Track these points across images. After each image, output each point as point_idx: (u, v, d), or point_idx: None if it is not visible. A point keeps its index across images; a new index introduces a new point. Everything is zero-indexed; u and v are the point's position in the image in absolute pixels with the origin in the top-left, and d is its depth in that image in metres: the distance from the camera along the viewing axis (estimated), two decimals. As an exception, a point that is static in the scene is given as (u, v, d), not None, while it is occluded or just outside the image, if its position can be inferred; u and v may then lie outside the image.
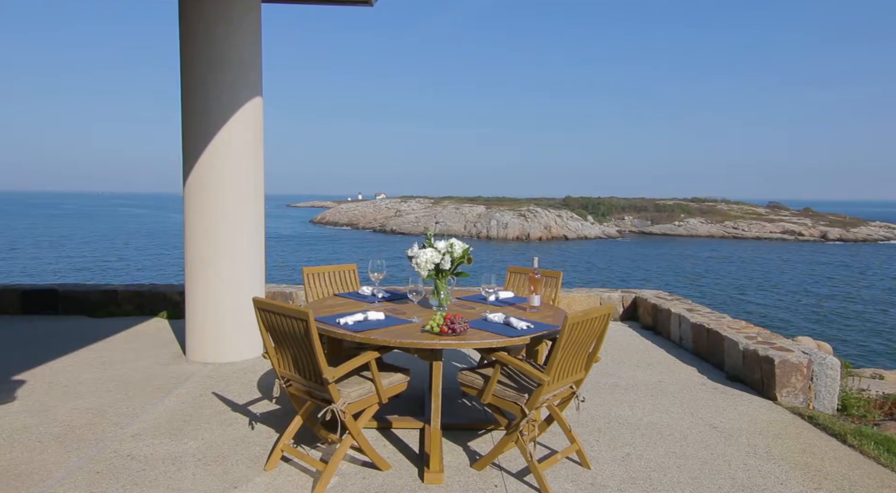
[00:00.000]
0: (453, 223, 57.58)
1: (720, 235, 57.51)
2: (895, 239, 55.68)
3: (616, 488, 2.70)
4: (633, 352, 5.25)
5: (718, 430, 3.43)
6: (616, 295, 6.80)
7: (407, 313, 3.27)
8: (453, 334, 2.77)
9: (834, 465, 2.99)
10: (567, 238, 55.45)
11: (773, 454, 3.11)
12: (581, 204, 66.64)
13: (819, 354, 4.02)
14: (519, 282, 4.38)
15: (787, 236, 55.77)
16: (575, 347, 2.70)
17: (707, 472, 2.88)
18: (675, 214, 63.36)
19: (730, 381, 4.40)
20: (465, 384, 2.96)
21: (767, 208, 66.84)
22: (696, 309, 5.77)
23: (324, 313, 3.22)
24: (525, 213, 57.90)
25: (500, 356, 2.79)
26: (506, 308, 3.53)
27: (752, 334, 4.70)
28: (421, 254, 3.30)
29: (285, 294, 6.50)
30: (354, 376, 2.86)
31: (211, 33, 4.50)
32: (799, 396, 3.90)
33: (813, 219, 61.11)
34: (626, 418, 3.61)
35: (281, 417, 3.51)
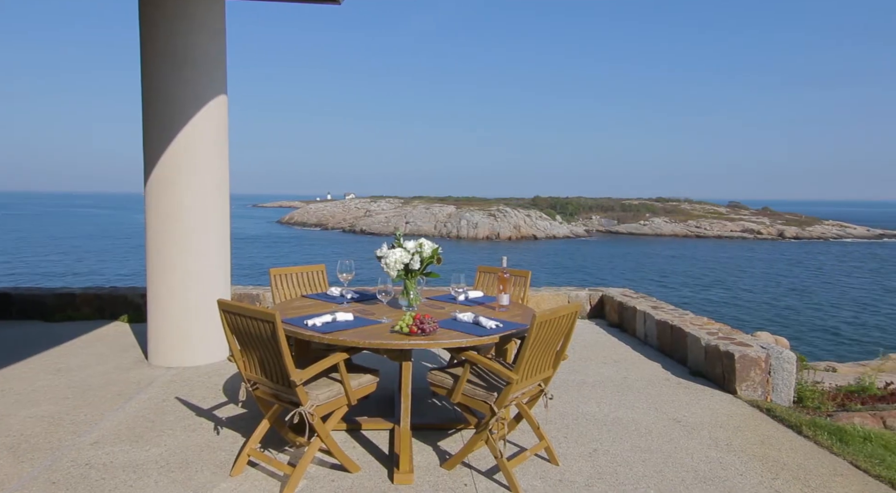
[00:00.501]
0: (423, 223, 57.55)
1: (683, 234, 59.05)
2: (847, 237, 58.17)
3: (584, 483, 2.75)
4: (599, 349, 5.35)
5: (682, 424, 3.52)
6: (583, 294, 6.90)
7: (376, 314, 3.26)
8: (423, 334, 2.77)
9: (790, 455, 3.10)
10: (536, 238, 56.05)
11: (734, 445, 3.21)
12: (550, 204, 67.47)
13: (776, 348, 4.17)
14: (488, 281, 4.41)
15: (747, 235, 57.63)
16: (543, 345, 2.73)
17: (671, 465, 2.96)
18: (641, 213, 64.77)
19: (693, 376, 4.52)
20: (434, 384, 2.96)
21: (728, 208, 68.95)
22: (660, 306, 5.91)
23: (291, 314, 3.17)
24: (495, 213, 58.28)
25: (470, 356, 2.81)
26: (475, 308, 3.55)
27: (714, 330, 4.84)
28: (390, 254, 3.29)
29: (252, 296, 6.39)
30: (323, 378, 2.83)
31: (173, 30, 4.39)
32: (758, 389, 4.04)
33: (771, 218, 63.36)
34: (594, 414, 3.67)
35: (247, 421, 3.45)
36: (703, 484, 2.77)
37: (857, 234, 60.10)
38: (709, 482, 2.79)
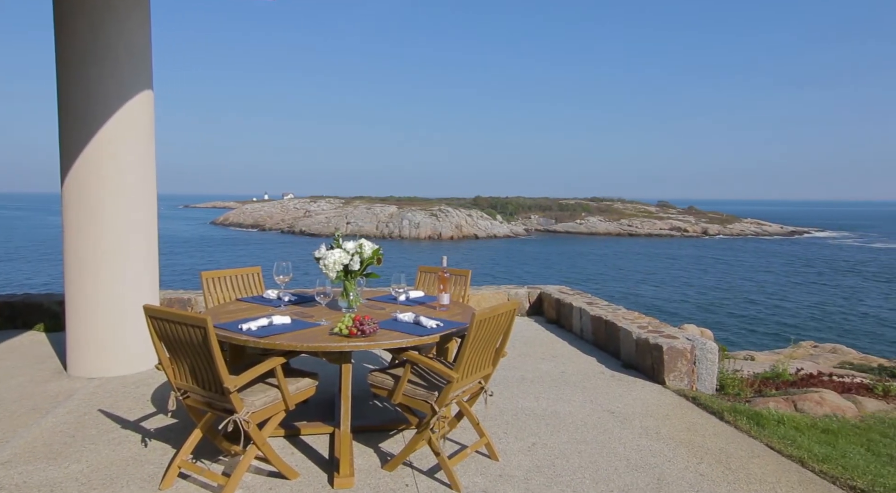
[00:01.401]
0: (365, 224, 56.95)
1: (617, 233, 61.51)
2: (764, 234, 62.49)
3: (522, 477, 2.81)
4: (538, 345, 5.48)
5: (615, 415, 3.66)
6: (522, 291, 7.05)
7: (315, 316, 3.19)
8: (363, 335, 2.74)
9: (713, 440, 3.30)
10: (477, 237, 56.71)
11: (662, 433, 3.38)
12: (490, 204, 68.45)
13: (701, 340, 4.42)
14: (429, 281, 4.43)
15: (675, 233, 60.77)
16: (483, 343, 2.77)
17: (605, 455, 3.08)
18: (577, 213, 66.91)
19: (625, 368, 4.72)
20: (375, 386, 2.94)
21: (657, 207, 72.42)
22: (595, 302, 6.13)
23: (224, 319, 3.06)
24: (437, 213, 58.49)
25: (410, 356, 2.81)
26: (416, 307, 3.55)
27: (644, 323, 5.07)
28: (329, 255, 3.24)
29: (183, 301, 6.11)
30: (259, 384, 2.75)
31: (93, 22, 4.13)
32: (684, 379, 4.27)
33: (696, 216, 67.15)
34: (532, 409, 3.76)
35: (178, 431, 3.29)
36: (635, 472, 2.89)
37: (772, 231, 64.70)
38: (640, 469, 2.92)
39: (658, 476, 2.84)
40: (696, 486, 2.75)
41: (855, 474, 2.85)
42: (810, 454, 3.07)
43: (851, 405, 3.91)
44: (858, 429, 3.54)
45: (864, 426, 3.61)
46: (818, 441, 3.28)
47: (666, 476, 2.85)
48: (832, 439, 3.35)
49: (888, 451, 3.23)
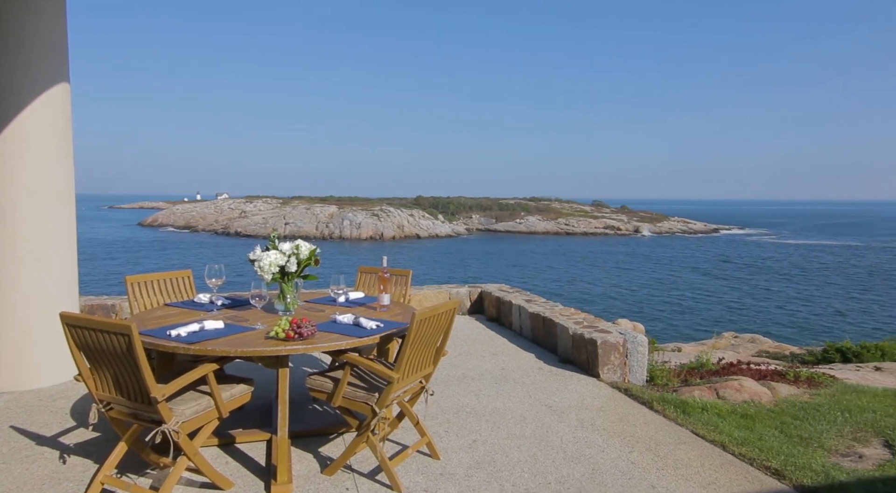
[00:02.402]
0: (304, 224, 55.70)
1: (555, 232, 63.26)
2: (689, 232, 66.09)
3: (463, 474, 2.84)
4: (479, 343, 5.55)
5: (553, 409, 3.77)
6: (464, 290, 7.12)
7: (250, 320, 3.10)
8: (300, 338, 2.69)
9: (644, 429, 3.46)
10: (420, 237, 56.72)
11: (597, 425, 3.51)
12: (432, 203, 68.65)
13: (632, 334, 4.62)
14: (369, 282, 4.39)
15: (609, 231, 63.20)
16: (423, 342, 2.78)
17: (543, 448, 3.16)
18: (517, 212, 68.27)
19: (562, 363, 4.86)
20: (314, 389, 2.88)
21: (592, 206, 75.06)
22: (533, 300, 6.28)
23: (151, 325, 2.91)
24: (378, 213, 58.04)
25: (350, 358, 2.78)
26: (356, 309, 3.51)
27: (580, 319, 5.24)
28: (264, 257, 3.15)
29: (107, 307, 5.75)
30: (190, 392, 2.63)
31: (3, 16, 3.82)
32: (617, 371, 4.45)
33: (628, 215, 70.12)
34: (473, 406, 3.81)
35: (101, 445, 3.10)
36: (572, 463, 2.99)
37: (696, 229, 68.53)
38: (576, 460, 3.02)
39: (593, 466, 2.95)
40: (627, 474, 2.88)
41: (770, 455, 3.07)
42: (731, 439, 3.27)
43: (767, 391, 4.21)
44: (773, 413, 3.81)
45: (777, 410, 3.89)
46: (738, 426, 3.51)
47: (600, 466, 2.96)
48: (750, 423, 3.59)
49: (798, 432, 3.50)
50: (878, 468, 3.02)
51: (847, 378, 4.99)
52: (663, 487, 2.75)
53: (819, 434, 3.47)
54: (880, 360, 6.72)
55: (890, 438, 3.44)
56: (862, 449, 3.33)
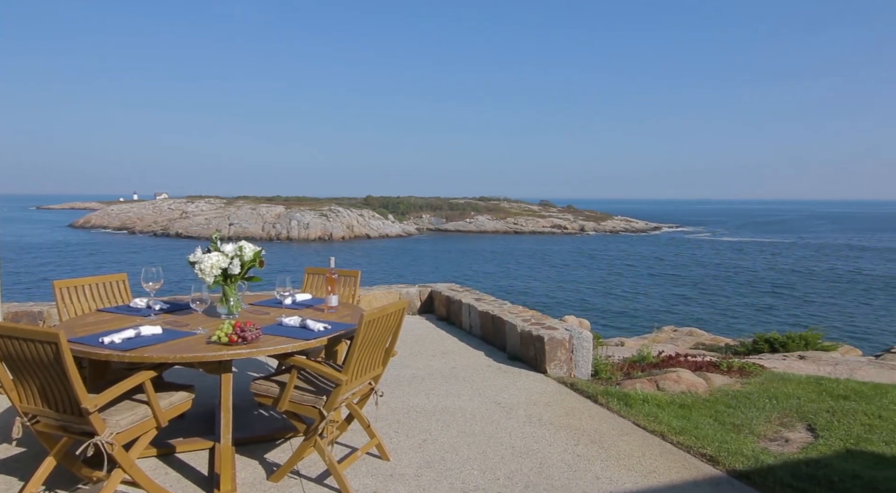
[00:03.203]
0: (250, 225, 54.13)
1: (504, 231, 64.18)
2: (631, 230, 68.56)
3: (413, 474, 2.84)
4: (429, 343, 5.56)
5: (502, 406, 3.83)
6: (414, 290, 7.11)
7: (190, 325, 2.98)
8: (244, 342, 2.61)
9: (589, 422, 3.56)
10: (370, 237, 56.22)
11: (544, 420, 3.59)
12: (381, 203, 68.19)
13: (577, 330, 4.75)
14: (317, 283, 4.32)
15: (556, 230, 64.69)
16: (372, 343, 2.76)
17: (492, 445, 3.20)
18: (466, 212, 68.82)
19: (511, 360, 4.94)
20: (259, 394, 2.81)
21: (540, 206, 76.59)
22: (483, 298, 6.35)
23: (82, 332, 2.76)
24: (327, 213, 57.13)
25: (296, 361, 2.72)
26: (303, 311, 3.45)
27: (528, 316, 5.34)
28: (205, 259, 3.04)
29: (33, 314, 5.40)
30: (125, 401, 2.51)
31: None
32: (563, 367, 4.56)
33: (574, 215, 72.02)
34: (423, 406, 3.81)
35: (26, 461, 2.91)
36: (520, 458, 3.04)
37: (638, 227, 71.14)
38: (524, 455, 3.08)
39: (540, 461, 3.02)
40: (573, 466, 2.96)
41: (705, 442, 3.23)
42: (669, 428, 3.42)
43: (702, 381, 4.42)
44: (708, 402, 4.00)
45: (712, 399, 4.09)
46: (676, 416, 3.67)
47: (547, 460, 3.03)
48: (687, 413, 3.76)
49: (731, 420, 3.70)
50: (801, 451, 3.23)
51: (774, 367, 5.31)
52: (607, 477, 2.85)
53: (750, 421, 3.68)
54: (804, 349, 7.19)
55: (812, 422, 3.69)
56: (788, 434, 3.55)
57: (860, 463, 3.04)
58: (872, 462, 3.06)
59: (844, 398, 4.12)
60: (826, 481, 2.79)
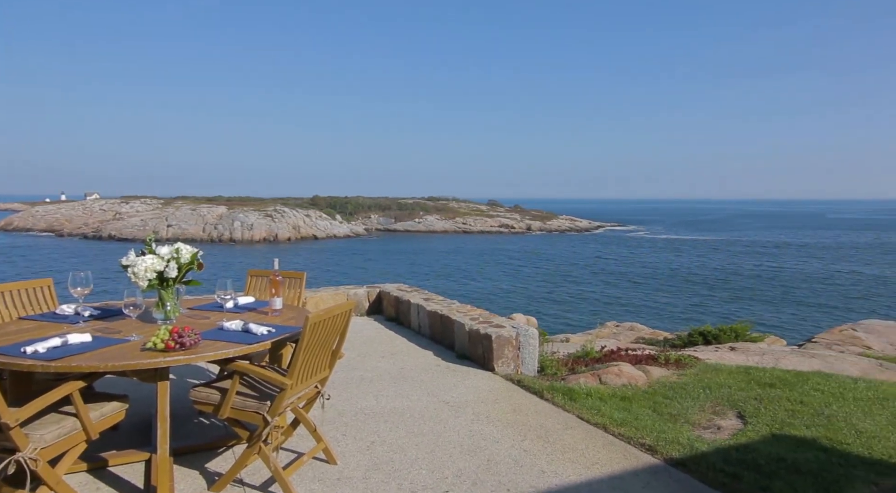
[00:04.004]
0: (189, 226, 52.09)
1: (453, 230, 64.61)
2: (575, 229, 70.51)
3: (361, 477, 2.82)
4: (378, 344, 5.53)
5: (450, 404, 3.85)
6: (362, 291, 7.05)
7: (123, 331, 2.84)
8: (182, 348, 2.51)
9: (535, 417, 3.64)
10: (317, 238, 55.26)
11: (492, 417, 3.64)
12: (329, 203, 67.17)
13: (524, 327, 4.84)
14: (260, 285, 4.21)
15: (503, 229, 65.68)
16: (318, 346, 2.71)
17: (441, 444, 3.22)
18: (415, 212, 68.79)
19: (459, 359, 4.98)
20: (199, 402, 2.71)
21: (487, 205, 77.56)
22: (431, 298, 6.36)
23: (2, 341, 2.57)
24: (272, 213, 55.72)
25: (238, 366, 2.65)
26: (245, 314, 3.35)
27: (476, 315, 5.39)
28: (139, 262, 2.90)
29: (-55, 323, 4.98)
30: (52, 414, 2.37)
31: None
32: (510, 364, 4.63)
33: (521, 214, 73.36)
34: (372, 408, 3.78)
35: (-60, 484, 2.69)
36: (468, 456, 3.07)
37: (582, 226, 73.28)
38: (472, 453, 3.11)
39: (488, 457, 3.05)
40: (520, 461, 3.01)
41: (644, 432, 3.36)
42: (611, 420, 3.54)
43: (642, 374, 4.60)
44: (647, 394, 4.17)
45: (651, 391, 4.26)
46: (617, 408, 3.80)
47: (495, 456, 3.07)
48: (628, 405, 3.91)
49: (668, 410, 3.87)
50: (732, 438, 3.42)
51: (708, 358, 5.59)
52: (552, 471, 2.92)
53: (685, 411, 3.86)
54: (734, 340, 7.61)
55: (742, 409, 3.91)
56: (720, 421, 3.75)
57: (784, 447, 3.24)
58: (795, 445, 3.28)
59: (770, 386, 4.39)
60: (754, 464, 2.97)
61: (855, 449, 3.20)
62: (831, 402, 3.99)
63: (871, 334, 7.83)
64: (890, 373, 5.38)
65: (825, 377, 4.71)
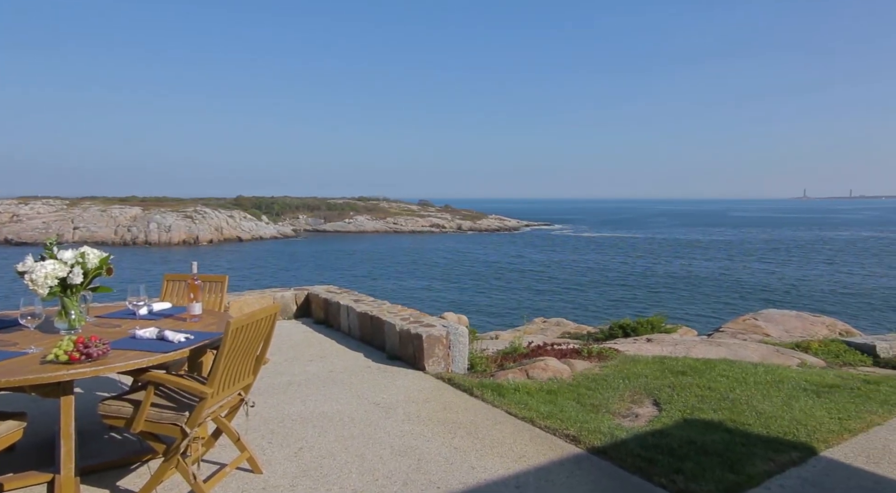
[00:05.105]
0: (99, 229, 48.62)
1: (384, 230, 64.21)
2: (505, 229, 72.09)
3: (288, 485, 2.75)
4: (306, 347, 5.40)
5: (380, 406, 3.83)
6: (289, 294, 6.86)
7: (20, 343, 2.61)
8: (89, 359, 2.35)
9: (465, 415, 3.69)
10: (242, 239, 53.16)
11: (422, 416, 3.65)
12: (254, 204, 64.79)
13: (454, 326, 4.89)
14: (178, 291, 4.01)
15: (434, 229, 66.05)
16: (241, 352, 2.62)
17: (371, 446, 3.19)
18: (345, 212, 67.77)
19: (390, 360, 4.96)
20: (109, 416, 2.54)
21: (419, 205, 77.70)
22: (361, 299, 6.29)
23: None
24: (192, 214, 53.01)
25: (153, 376, 2.50)
26: (162, 321, 3.18)
27: (406, 315, 5.39)
28: (38, 268, 2.69)
29: None
30: (-67, 439, 2.14)
31: None
32: (441, 363, 4.67)
33: (451, 214, 74.08)
34: (300, 413, 3.69)
35: None
36: (399, 457, 3.07)
37: (511, 225, 75.00)
38: (403, 453, 3.11)
39: (418, 457, 3.07)
40: (450, 459, 3.05)
41: (568, 424, 3.50)
42: (538, 414, 3.65)
43: (567, 368, 4.78)
44: (571, 387, 4.34)
45: (575, 383, 4.44)
46: (544, 401, 3.92)
47: (425, 456, 3.08)
48: (553, 398, 4.04)
49: (591, 401, 4.04)
50: (648, 424, 3.63)
51: (627, 350, 5.89)
52: (482, 466, 2.97)
53: (606, 401, 4.05)
54: (651, 332, 8.07)
55: (657, 397, 4.15)
56: (638, 409, 3.96)
57: (694, 430, 3.48)
58: (704, 429, 3.52)
59: (682, 374, 4.68)
60: (668, 448, 3.16)
61: (755, 429, 3.48)
62: (735, 387, 4.32)
63: (770, 323, 8.54)
64: (785, 357, 5.90)
65: (730, 364, 5.09)
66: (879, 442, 3.28)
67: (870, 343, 6.29)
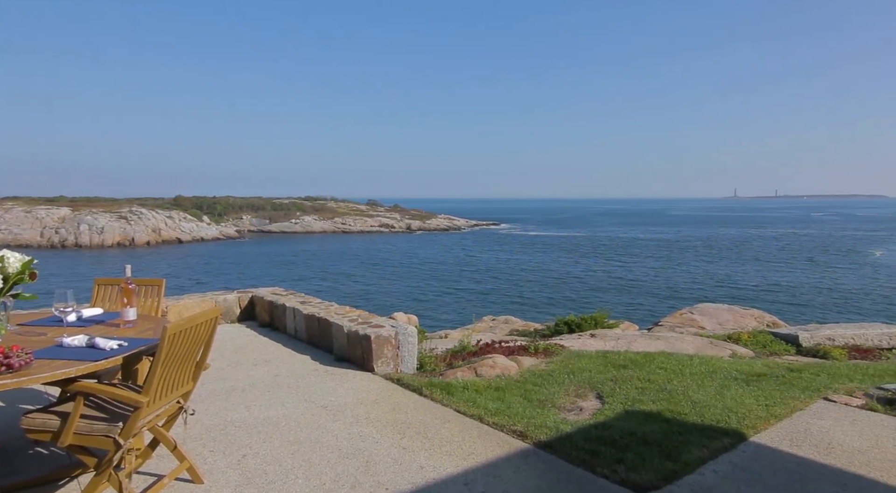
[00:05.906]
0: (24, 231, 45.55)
1: (332, 231, 63.26)
2: (454, 228, 72.52)
3: (232, 493, 2.66)
4: (250, 351, 5.25)
5: (328, 409, 3.77)
6: (232, 297, 6.65)
7: (-70, 356, 2.41)
8: (9, 370, 2.20)
9: (415, 415, 3.69)
10: (182, 241, 51.08)
11: (371, 418, 3.62)
12: (194, 204, 62.40)
13: (403, 326, 4.88)
14: (111, 295, 3.81)
15: (384, 229, 65.64)
16: (179, 358, 2.52)
17: (318, 450, 3.14)
18: (292, 212, 66.29)
19: (338, 362, 4.89)
20: (33, 430, 2.38)
21: (367, 205, 77.00)
22: (308, 301, 6.17)
23: None
24: (127, 215, 50.48)
25: (82, 386, 2.37)
26: (92, 328, 3.01)
27: (354, 316, 5.33)
28: (-51, 274, 2.48)
29: None
30: None
31: None
32: (390, 363, 4.65)
33: (401, 214, 73.86)
34: (243, 419, 3.59)
35: None
36: (347, 459, 3.03)
37: (459, 225, 75.54)
38: (351, 456, 3.08)
39: (367, 459, 3.04)
40: (399, 460, 3.04)
41: (516, 420, 3.56)
42: (486, 411, 3.70)
43: (514, 364, 4.86)
44: (518, 383, 4.42)
45: (522, 379, 4.52)
46: (491, 398, 3.98)
47: (374, 457, 3.06)
48: (501, 394, 4.10)
49: (537, 396, 4.12)
50: (592, 417, 3.74)
51: (572, 346, 6.06)
52: (431, 466, 2.98)
53: (552, 396, 4.14)
54: (594, 328, 8.32)
55: (600, 390, 4.29)
56: (582, 403, 4.08)
57: (635, 421, 3.61)
58: (644, 419, 3.66)
59: (623, 367, 4.86)
60: (610, 440, 3.27)
61: (691, 418, 3.66)
62: (672, 378, 4.52)
63: (705, 316, 9.00)
64: (718, 349, 6.23)
65: (668, 357, 5.32)
66: (801, 426, 3.51)
67: (793, 334, 6.73)
